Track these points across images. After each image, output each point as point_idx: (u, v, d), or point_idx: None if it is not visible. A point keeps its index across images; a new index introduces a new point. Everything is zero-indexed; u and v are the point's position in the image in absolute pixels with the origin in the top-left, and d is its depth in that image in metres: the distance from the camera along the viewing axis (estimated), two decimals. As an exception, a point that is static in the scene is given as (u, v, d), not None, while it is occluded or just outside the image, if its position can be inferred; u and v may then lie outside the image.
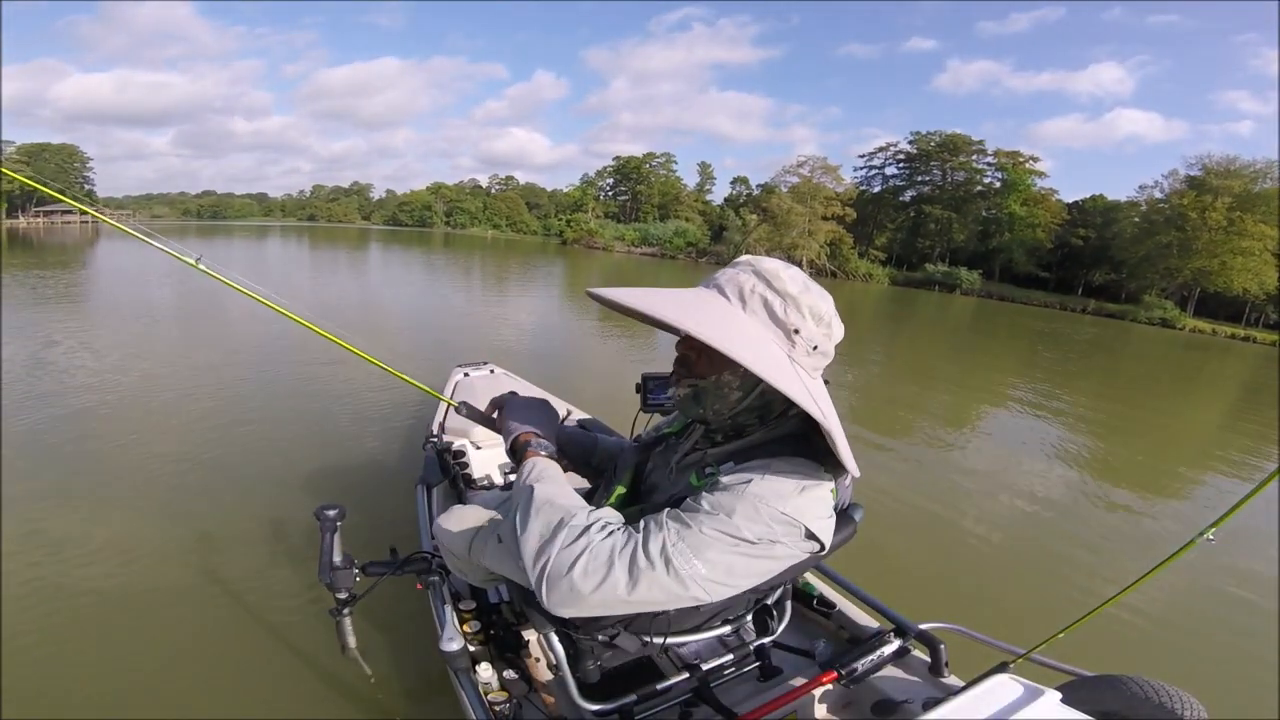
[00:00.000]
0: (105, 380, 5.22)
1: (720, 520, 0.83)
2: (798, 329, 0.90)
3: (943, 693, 1.33)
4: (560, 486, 0.95)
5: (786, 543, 0.86)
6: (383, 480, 3.51)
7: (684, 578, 0.80)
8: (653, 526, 0.84)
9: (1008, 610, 2.85)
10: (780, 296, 0.90)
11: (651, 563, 0.79)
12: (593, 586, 0.79)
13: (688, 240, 46.89)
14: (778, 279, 0.91)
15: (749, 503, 0.84)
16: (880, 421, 6.19)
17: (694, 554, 0.81)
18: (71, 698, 1.90)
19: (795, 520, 0.85)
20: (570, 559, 0.80)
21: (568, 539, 0.82)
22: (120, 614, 2.30)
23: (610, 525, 0.86)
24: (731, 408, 0.98)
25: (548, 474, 0.98)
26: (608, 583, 0.79)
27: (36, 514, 2.91)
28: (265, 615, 2.33)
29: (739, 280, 0.92)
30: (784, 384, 0.82)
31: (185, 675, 2.03)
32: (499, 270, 22.17)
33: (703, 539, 0.81)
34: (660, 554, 0.80)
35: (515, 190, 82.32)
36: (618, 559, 0.80)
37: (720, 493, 0.86)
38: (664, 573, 0.79)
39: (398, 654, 2.11)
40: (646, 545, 0.81)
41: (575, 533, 0.82)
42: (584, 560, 0.79)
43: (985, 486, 4.61)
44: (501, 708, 1.30)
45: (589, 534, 0.82)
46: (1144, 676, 1.14)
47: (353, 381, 5.59)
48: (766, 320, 0.90)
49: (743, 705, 1.34)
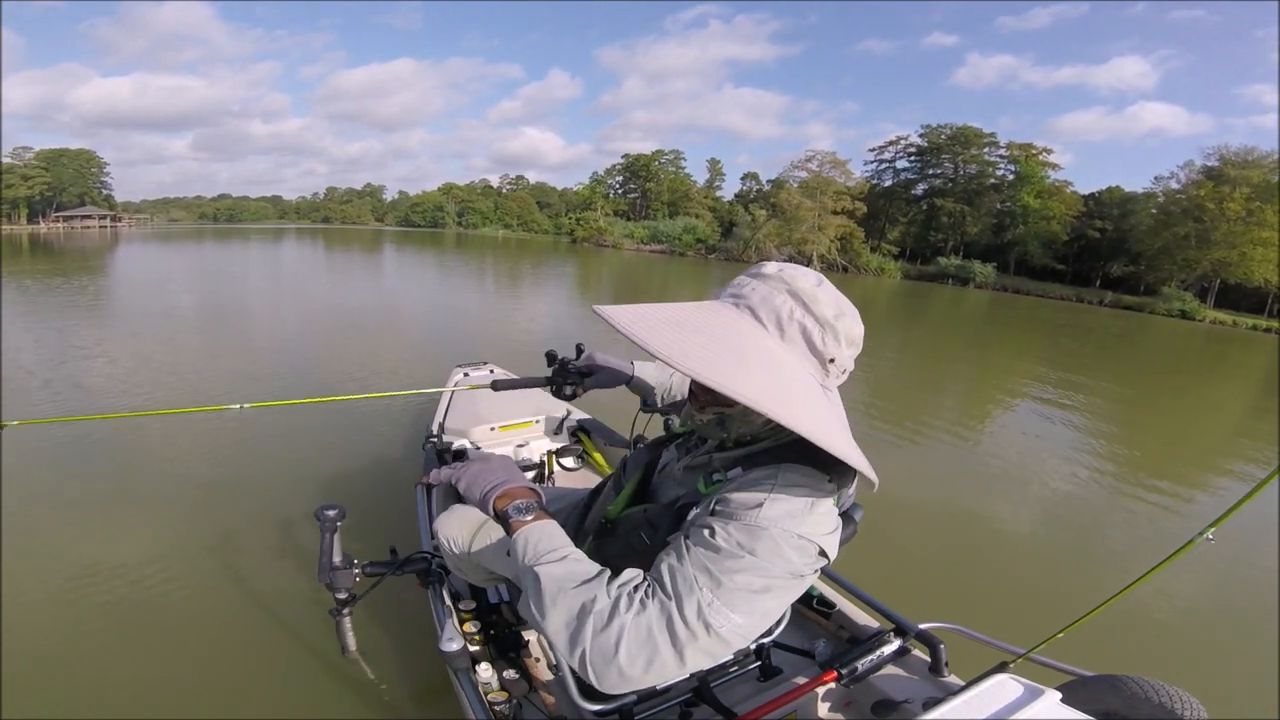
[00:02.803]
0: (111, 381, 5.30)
1: (745, 562, 0.79)
2: (834, 359, 0.87)
3: (943, 692, 1.32)
4: (564, 557, 0.88)
5: (806, 571, 0.84)
6: (383, 480, 3.53)
7: (725, 637, 0.78)
8: (681, 585, 0.79)
9: (1008, 610, 2.83)
10: (819, 324, 0.86)
11: (693, 632, 0.76)
12: (642, 668, 0.76)
13: (697, 237, 46.66)
14: (816, 303, 0.86)
15: (769, 538, 0.81)
16: (885, 418, 6.15)
17: (730, 609, 0.78)
18: (72, 698, 1.92)
19: (811, 540, 0.83)
20: (609, 646, 0.76)
21: (598, 626, 0.77)
22: (119, 614, 2.32)
23: (635, 594, 0.81)
24: (756, 430, 0.97)
25: (544, 544, 0.90)
26: (656, 662, 0.76)
27: (33, 521, 2.94)
28: (265, 615, 2.35)
29: (775, 303, 0.86)
30: (839, 448, 0.78)
31: (185, 675, 2.05)
32: (510, 271, 22.24)
33: (735, 594, 0.79)
34: (698, 619, 0.77)
35: (526, 190, 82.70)
36: (659, 635, 0.76)
37: (734, 525, 0.82)
38: (705, 637, 0.77)
39: (398, 654, 2.12)
40: (683, 612, 0.77)
41: (603, 618, 0.78)
42: (625, 644, 0.76)
43: (989, 484, 4.56)
44: (501, 708, 1.30)
45: (618, 614, 0.78)
46: (1144, 676, 1.13)
47: (353, 382, 5.65)
48: (805, 352, 0.86)
49: (743, 705, 1.35)
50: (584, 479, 2.82)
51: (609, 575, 0.84)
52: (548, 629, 0.81)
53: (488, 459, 1.12)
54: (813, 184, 39.40)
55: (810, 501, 0.85)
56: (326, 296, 12.66)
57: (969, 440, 5.68)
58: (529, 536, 0.92)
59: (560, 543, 0.91)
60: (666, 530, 0.99)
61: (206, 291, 12.42)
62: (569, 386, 1.69)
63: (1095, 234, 37.67)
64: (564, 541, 0.92)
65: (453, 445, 2.62)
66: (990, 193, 40.73)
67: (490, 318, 11.06)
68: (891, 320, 17.01)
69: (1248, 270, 29.49)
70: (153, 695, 1.95)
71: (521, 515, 0.96)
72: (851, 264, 38.65)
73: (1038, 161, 40.03)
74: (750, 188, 58.84)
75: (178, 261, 20.75)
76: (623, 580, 0.82)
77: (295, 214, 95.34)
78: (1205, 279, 31.41)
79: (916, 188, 44.76)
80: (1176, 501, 4.47)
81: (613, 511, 1.16)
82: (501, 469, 1.07)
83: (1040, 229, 37.95)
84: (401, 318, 10.54)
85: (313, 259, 24.40)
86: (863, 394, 6.97)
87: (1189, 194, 31.96)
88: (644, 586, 0.81)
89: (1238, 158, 30.92)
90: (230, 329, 8.45)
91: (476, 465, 1.09)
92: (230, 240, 35.76)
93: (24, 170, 55.04)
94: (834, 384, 0.91)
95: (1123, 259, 36.39)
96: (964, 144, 41.59)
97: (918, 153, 44.23)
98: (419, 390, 2.16)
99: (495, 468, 1.08)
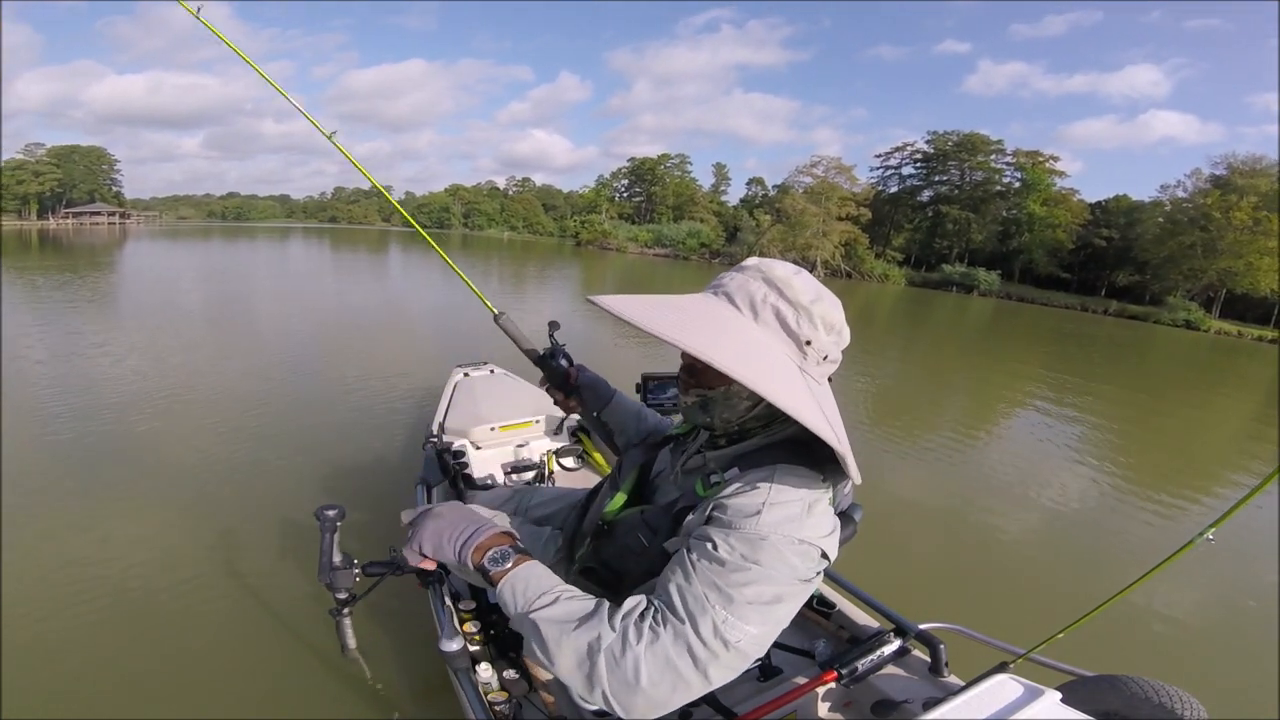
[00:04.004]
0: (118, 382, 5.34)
1: (753, 574, 0.79)
2: (810, 340, 0.88)
3: (943, 693, 1.32)
4: (556, 599, 0.85)
5: (810, 575, 0.85)
6: (383, 480, 3.54)
7: (743, 650, 0.78)
8: (693, 606, 0.78)
9: (1008, 610, 2.83)
10: (793, 307, 0.87)
11: (713, 651, 0.76)
12: (667, 693, 0.76)
13: (701, 241, 46.76)
14: (790, 288, 0.88)
15: (770, 546, 0.81)
16: (887, 420, 6.15)
17: (744, 622, 0.78)
18: (72, 697, 1.92)
19: (812, 544, 0.84)
20: (630, 679, 0.75)
21: (611, 662, 0.76)
22: (118, 614, 2.32)
23: (643, 623, 0.80)
24: (740, 416, 0.97)
25: (532, 588, 0.87)
26: (681, 685, 0.76)
27: (32, 520, 2.93)
28: (265, 615, 2.35)
29: (749, 289, 0.89)
30: (807, 417, 0.79)
31: (185, 674, 2.05)
32: (515, 274, 22.27)
33: (747, 607, 0.78)
34: (716, 637, 0.77)
35: (531, 192, 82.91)
36: (678, 659, 0.76)
37: (735, 536, 0.82)
38: (725, 653, 0.77)
39: (398, 654, 2.12)
40: (699, 632, 0.77)
41: (616, 653, 0.76)
42: (645, 673, 0.75)
43: (990, 485, 4.56)
44: (501, 708, 1.30)
45: (630, 647, 0.76)
46: (1144, 676, 1.13)
47: (354, 382, 5.67)
48: (779, 332, 0.88)
49: (743, 705, 1.34)
50: (584, 479, 2.82)
51: (608, 607, 0.82)
52: (560, 674, 0.79)
53: (439, 515, 1.01)
54: (818, 190, 39.42)
55: (807, 504, 0.85)
56: (333, 297, 12.70)
57: (970, 443, 5.67)
58: (514, 585, 0.87)
59: (549, 584, 0.87)
60: (665, 533, 1.00)
61: (213, 291, 12.49)
62: (562, 359, 1.57)
63: (1101, 242, 37.60)
64: (552, 582, 0.88)
65: (453, 445, 2.62)
66: (996, 200, 40.72)
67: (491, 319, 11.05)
68: (895, 326, 16.97)
69: (1254, 280, 29.39)
70: (153, 694, 1.95)
71: (500, 565, 0.90)
72: (855, 270, 38.63)
73: (1044, 169, 40.01)
74: (755, 192, 58.94)
75: (184, 259, 20.84)
76: (626, 610, 0.81)
77: (302, 213, 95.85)
78: (1211, 289, 31.30)
79: (922, 194, 44.81)
80: (1177, 504, 4.46)
81: (610, 513, 1.16)
82: (462, 519, 0.99)
83: (1046, 237, 37.90)
84: (404, 318, 10.59)
85: (319, 259, 24.49)
86: (865, 397, 6.97)
87: (1196, 202, 31.91)
88: (650, 613, 0.80)
89: (1245, 166, 30.87)
90: (234, 329, 8.48)
91: (430, 524, 0.99)
92: (237, 238, 35.92)
93: (35, 167, 55.41)
94: (816, 370, 0.90)
95: (1128, 268, 36.29)
96: (970, 151, 41.60)
97: (924, 159, 44.26)
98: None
99: (455, 520, 0.99)
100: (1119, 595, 1.13)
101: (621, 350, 8.28)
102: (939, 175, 43.71)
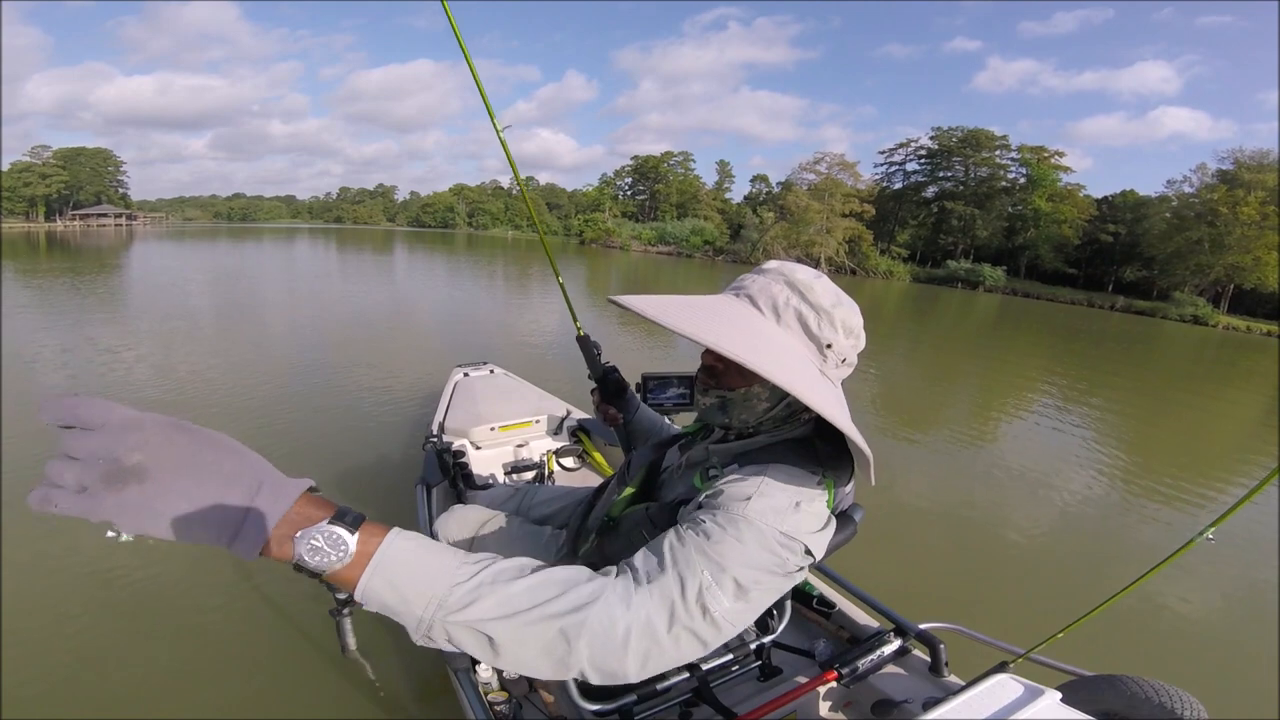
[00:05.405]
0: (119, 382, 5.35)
1: (736, 550, 0.78)
2: (830, 344, 0.89)
3: (943, 692, 1.32)
4: (480, 582, 0.64)
5: (791, 568, 0.84)
6: (383, 480, 3.55)
7: (717, 620, 0.75)
8: (683, 566, 0.76)
9: (1008, 610, 2.82)
10: (815, 310, 0.88)
11: (691, 615, 0.73)
12: (640, 657, 0.70)
13: (705, 239, 46.67)
14: (811, 292, 0.89)
15: (755, 529, 0.80)
16: (889, 419, 6.13)
17: (723, 593, 0.76)
18: (71, 696, 1.94)
19: (794, 538, 0.83)
20: (615, 638, 0.68)
21: (593, 626, 0.67)
22: (118, 614, 2.33)
23: (622, 578, 0.75)
24: (758, 418, 0.98)
25: (438, 580, 0.62)
26: (654, 650, 0.71)
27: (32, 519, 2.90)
28: (265, 615, 2.36)
29: (772, 292, 0.89)
30: (840, 421, 0.79)
31: (185, 674, 2.06)
32: (520, 273, 22.28)
33: (728, 578, 0.76)
34: (697, 601, 0.74)
35: (536, 191, 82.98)
36: (655, 617, 0.72)
37: (722, 514, 0.82)
38: (700, 619, 0.74)
39: (398, 654, 2.13)
40: (685, 592, 0.74)
41: (598, 616, 0.68)
42: (625, 629, 0.69)
43: (991, 485, 4.54)
44: (501, 708, 1.31)
45: (610, 606, 0.69)
46: (1144, 676, 1.12)
47: (354, 382, 5.69)
48: (800, 334, 0.88)
49: (743, 705, 1.35)
50: (584, 479, 2.83)
51: (565, 570, 0.71)
52: (524, 670, 0.67)
53: (145, 442, 0.52)
54: (821, 186, 39.31)
55: (796, 500, 0.85)
56: (338, 298, 12.72)
57: (972, 442, 5.65)
58: (397, 582, 0.59)
59: (454, 561, 0.64)
60: (665, 527, 1.00)
61: (220, 293, 12.56)
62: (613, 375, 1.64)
63: (1108, 238, 37.32)
64: (451, 558, 0.64)
65: (452, 445, 2.62)
66: (1001, 196, 40.45)
67: (494, 319, 11.09)
68: (900, 323, 16.90)
69: (1262, 275, 29.10)
70: (153, 694, 1.96)
71: (340, 552, 0.57)
72: (860, 266, 38.48)
73: (1050, 164, 39.72)
74: (760, 190, 58.82)
75: (193, 260, 20.93)
76: (602, 571, 0.76)
77: (308, 214, 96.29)
78: (1219, 284, 31.02)
79: (926, 190, 44.51)
80: (1177, 504, 4.44)
81: (616, 510, 1.16)
82: (196, 458, 0.54)
83: (1051, 232, 37.65)
84: (407, 319, 10.61)
85: (325, 260, 24.54)
86: (869, 395, 6.95)
87: (1202, 197, 31.57)
88: (630, 573, 0.76)
89: (1253, 161, 30.52)
90: (237, 330, 8.52)
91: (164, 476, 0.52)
92: (244, 240, 36.03)
93: (42, 169, 55.81)
94: (834, 372, 0.91)
95: (1135, 263, 36.00)
96: (975, 147, 41.35)
97: (928, 155, 44.00)
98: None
99: (186, 460, 0.53)
100: (1119, 595, 1.12)
101: (622, 351, 8.27)
102: (943, 171, 43.42)
